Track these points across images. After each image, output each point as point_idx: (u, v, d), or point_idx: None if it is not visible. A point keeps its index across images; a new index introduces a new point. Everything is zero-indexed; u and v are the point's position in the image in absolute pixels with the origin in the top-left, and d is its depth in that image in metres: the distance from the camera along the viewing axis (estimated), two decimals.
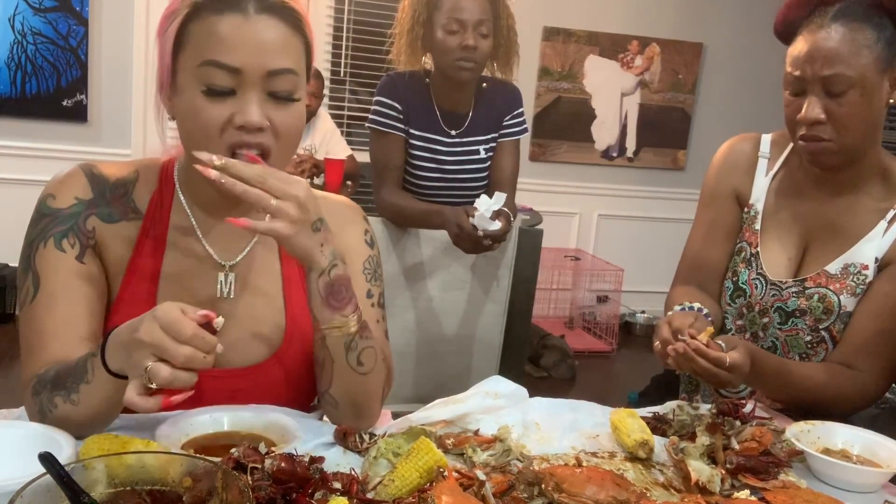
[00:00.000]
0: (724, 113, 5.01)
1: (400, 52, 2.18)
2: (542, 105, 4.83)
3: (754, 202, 1.49)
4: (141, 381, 0.82)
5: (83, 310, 1.04)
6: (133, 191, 1.10)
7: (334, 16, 4.44)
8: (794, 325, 1.42)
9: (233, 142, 0.98)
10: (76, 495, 0.64)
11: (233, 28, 0.95)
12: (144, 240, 1.08)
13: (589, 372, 4.22)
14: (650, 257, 5.00)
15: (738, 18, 4.92)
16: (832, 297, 1.38)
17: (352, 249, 1.19)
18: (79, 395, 0.92)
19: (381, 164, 2.22)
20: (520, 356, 2.43)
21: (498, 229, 1.92)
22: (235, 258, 1.12)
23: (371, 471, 0.96)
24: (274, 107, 0.99)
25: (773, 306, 1.43)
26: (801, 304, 1.40)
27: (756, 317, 1.46)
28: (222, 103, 0.96)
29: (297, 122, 1.02)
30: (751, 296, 1.45)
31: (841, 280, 1.38)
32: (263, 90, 0.98)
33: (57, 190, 1.07)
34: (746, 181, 1.50)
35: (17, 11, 3.96)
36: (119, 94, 4.16)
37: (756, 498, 0.97)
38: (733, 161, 1.52)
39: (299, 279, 1.15)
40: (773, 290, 1.43)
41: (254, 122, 0.96)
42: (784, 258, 1.45)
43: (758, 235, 1.47)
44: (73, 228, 1.05)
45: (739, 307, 1.48)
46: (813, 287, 1.40)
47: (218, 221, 1.11)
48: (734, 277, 1.48)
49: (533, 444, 1.12)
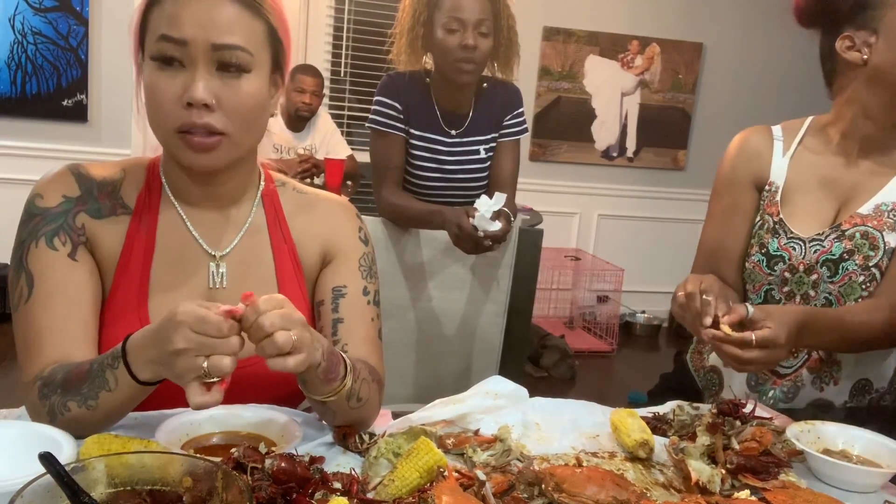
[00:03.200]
0: (724, 113, 5.01)
1: (400, 51, 2.17)
2: (542, 105, 4.83)
3: (774, 180, 1.50)
4: (199, 380, 0.85)
5: (80, 307, 1.04)
6: (121, 188, 1.10)
7: (334, 16, 4.44)
8: (844, 270, 1.41)
9: (181, 123, 0.99)
10: (76, 495, 0.64)
11: (182, 5, 0.98)
12: (135, 234, 1.09)
13: (589, 372, 4.23)
14: (650, 257, 5.01)
15: (738, 18, 4.92)
16: (875, 233, 1.39)
17: (347, 247, 1.19)
18: (97, 402, 0.93)
19: (381, 164, 2.22)
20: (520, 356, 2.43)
21: (498, 230, 1.92)
22: (225, 249, 1.12)
23: (371, 471, 0.96)
24: (223, 83, 0.99)
25: (819, 261, 1.43)
26: (846, 245, 1.41)
27: (803, 276, 1.45)
28: (173, 78, 0.98)
29: (248, 100, 1.01)
30: (790, 258, 1.45)
31: (877, 218, 1.40)
32: (211, 64, 0.98)
33: (44, 189, 1.07)
34: (764, 165, 1.51)
35: (17, 11, 3.96)
36: (119, 94, 4.16)
37: (756, 498, 0.97)
38: (750, 149, 1.53)
39: (292, 269, 1.16)
40: (814, 244, 1.43)
41: (197, 96, 0.97)
42: (815, 217, 1.46)
43: (779, 206, 1.48)
44: (63, 226, 1.05)
45: (781, 273, 1.47)
46: (851, 227, 1.41)
47: (205, 213, 1.12)
48: (763, 249, 1.48)
49: (533, 444, 1.12)
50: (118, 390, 0.92)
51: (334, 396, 0.99)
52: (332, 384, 0.98)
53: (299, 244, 1.17)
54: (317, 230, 1.19)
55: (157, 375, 0.91)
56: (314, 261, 1.19)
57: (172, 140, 1.02)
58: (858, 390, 1.48)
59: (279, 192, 1.19)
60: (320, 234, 1.19)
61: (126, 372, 0.91)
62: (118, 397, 0.93)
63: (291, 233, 1.17)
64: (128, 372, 0.91)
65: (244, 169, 1.12)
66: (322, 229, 1.19)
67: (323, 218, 1.20)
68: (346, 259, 1.19)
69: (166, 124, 1.00)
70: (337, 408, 1.01)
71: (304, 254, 1.18)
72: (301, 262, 1.17)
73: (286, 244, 1.17)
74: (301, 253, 1.18)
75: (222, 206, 1.13)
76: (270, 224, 1.16)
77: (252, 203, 1.16)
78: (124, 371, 0.91)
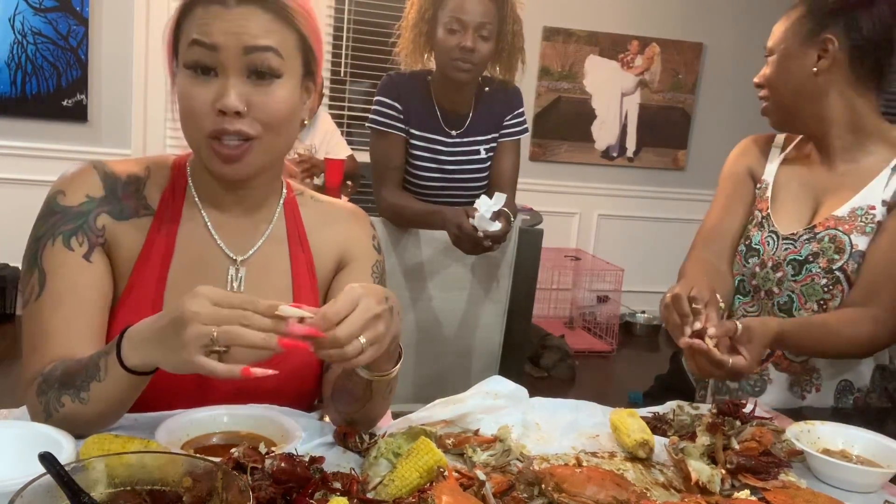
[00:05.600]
0: (724, 113, 5.01)
1: (404, 47, 2.18)
2: (543, 105, 4.83)
3: (766, 177, 1.58)
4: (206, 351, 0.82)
5: (88, 310, 1.03)
6: (145, 187, 1.10)
7: (334, 16, 4.45)
8: (808, 271, 1.45)
9: (213, 129, 0.99)
10: (76, 495, 0.64)
11: (214, 14, 0.99)
12: (155, 235, 1.08)
13: (589, 372, 4.23)
14: (650, 257, 5.00)
15: (738, 18, 4.92)
16: (843, 237, 1.43)
17: (362, 254, 1.20)
18: (89, 394, 0.92)
19: (381, 164, 2.22)
20: (520, 356, 2.43)
21: (498, 230, 1.92)
22: (246, 253, 1.12)
23: (371, 471, 0.96)
24: (255, 89, 0.99)
25: (787, 259, 1.47)
26: (814, 247, 1.45)
27: (769, 272, 1.49)
28: (206, 85, 0.99)
29: (279, 105, 1.01)
30: (763, 253, 1.51)
31: (849, 222, 1.43)
32: (243, 70, 0.99)
33: (67, 187, 1.06)
34: (761, 162, 1.60)
35: (17, 11, 3.96)
36: (119, 94, 4.16)
37: (756, 498, 0.97)
38: (749, 148, 1.64)
39: (308, 278, 1.16)
40: (786, 243, 1.48)
41: (230, 104, 0.97)
42: (795, 216, 1.51)
43: (768, 202, 1.54)
44: (82, 227, 1.05)
45: (753, 267, 1.53)
46: (823, 230, 1.45)
47: (229, 218, 1.12)
48: (747, 241, 1.55)
49: (533, 444, 1.12)
50: (107, 379, 0.91)
51: (390, 374, 0.98)
52: (391, 363, 0.98)
53: (316, 254, 1.18)
54: (334, 239, 1.19)
55: (147, 359, 0.88)
56: (329, 268, 1.19)
57: (205, 149, 1.02)
58: (841, 392, 1.50)
59: (298, 202, 1.19)
60: (337, 243, 1.19)
61: (115, 357, 0.89)
62: (108, 388, 0.91)
63: (309, 241, 1.18)
64: (117, 356, 0.89)
65: (271, 175, 1.12)
66: (339, 237, 1.20)
67: (339, 227, 1.21)
68: (359, 265, 1.20)
69: (199, 131, 1.00)
70: (376, 391, 1.01)
71: (319, 263, 1.18)
72: (317, 272, 1.18)
73: (304, 254, 1.17)
74: (317, 262, 1.18)
75: (247, 211, 1.13)
76: (290, 232, 1.16)
77: (274, 210, 1.16)
78: (114, 357, 0.89)
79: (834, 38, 1.40)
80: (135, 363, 0.89)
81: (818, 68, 1.42)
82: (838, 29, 1.40)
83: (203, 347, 0.82)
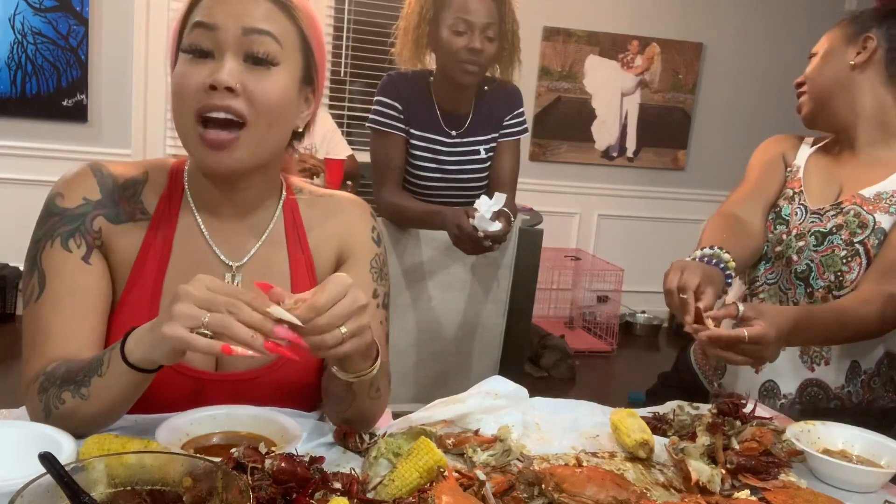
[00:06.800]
0: (724, 113, 5.01)
1: (403, 48, 2.17)
2: (542, 105, 4.83)
3: (797, 162, 1.65)
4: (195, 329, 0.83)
5: (88, 311, 1.04)
6: (142, 191, 1.10)
7: (334, 16, 4.44)
8: (830, 242, 1.50)
9: (201, 105, 0.98)
10: (76, 495, 0.64)
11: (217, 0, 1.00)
12: (151, 240, 1.08)
13: (589, 372, 4.23)
14: (650, 257, 4.99)
15: (738, 18, 4.92)
16: (867, 215, 1.49)
17: (360, 246, 1.19)
18: (89, 389, 0.92)
19: (381, 164, 2.22)
20: (520, 356, 2.43)
21: (498, 230, 1.91)
22: (242, 259, 1.12)
23: (371, 471, 0.96)
24: (251, 74, 0.99)
25: (811, 231, 1.53)
26: (839, 220, 1.51)
27: (793, 240, 1.55)
28: (202, 66, 0.98)
29: (273, 90, 1.01)
30: (791, 223, 1.58)
31: (874, 203, 1.50)
32: (241, 53, 0.99)
33: (65, 189, 1.07)
34: (792, 152, 1.68)
35: (17, 11, 3.96)
36: (119, 94, 4.16)
37: (756, 498, 0.97)
38: (781, 139, 1.71)
39: (307, 280, 1.15)
40: (814, 217, 1.55)
41: (221, 79, 0.96)
42: (823, 196, 1.57)
43: (800, 181, 1.61)
44: (79, 229, 1.05)
45: (779, 234, 1.59)
46: (849, 205, 1.51)
47: (225, 222, 1.11)
48: (777, 209, 1.62)
49: (533, 444, 1.12)
50: (108, 374, 0.91)
51: (366, 375, 0.98)
52: (367, 361, 0.97)
53: (316, 253, 1.17)
54: (333, 232, 1.18)
55: (147, 354, 0.88)
56: (329, 265, 1.18)
57: (192, 137, 1.00)
58: (851, 372, 1.51)
59: (298, 201, 1.18)
60: (336, 236, 1.18)
61: (119, 352, 0.89)
62: (108, 384, 0.91)
63: (309, 242, 1.17)
64: (120, 351, 0.89)
65: (266, 177, 1.11)
66: (338, 229, 1.19)
67: (338, 219, 1.19)
68: (357, 261, 1.18)
69: (188, 111, 0.99)
70: (358, 391, 1.00)
71: (319, 262, 1.17)
72: (316, 271, 1.17)
73: (303, 254, 1.16)
74: (317, 262, 1.17)
75: (243, 214, 1.12)
76: (289, 234, 1.15)
77: (272, 213, 1.15)
78: (118, 352, 0.90)
79: (874, 37, 1.50)
80: (137, 358, 0.89)
81: (855, 62, 1.51)
82: (880, 31, 1.50)
83: (189, 326, 0.83)
